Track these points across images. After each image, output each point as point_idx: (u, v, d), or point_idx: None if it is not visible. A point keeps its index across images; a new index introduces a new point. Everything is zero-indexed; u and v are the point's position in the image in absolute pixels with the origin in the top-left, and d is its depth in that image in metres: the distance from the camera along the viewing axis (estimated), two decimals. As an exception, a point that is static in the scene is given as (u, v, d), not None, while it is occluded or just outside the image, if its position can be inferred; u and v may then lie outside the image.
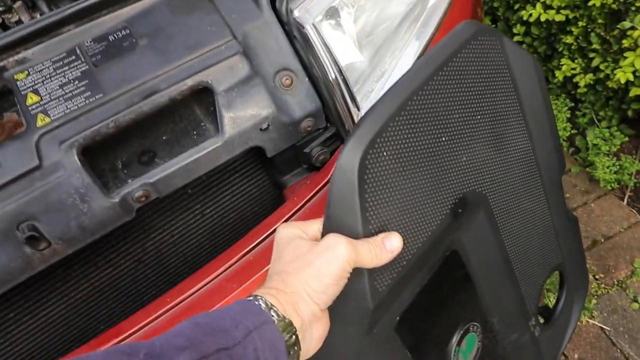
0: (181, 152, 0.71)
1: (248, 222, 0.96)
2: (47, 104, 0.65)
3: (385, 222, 0.56)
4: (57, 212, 0.64)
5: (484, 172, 0.68)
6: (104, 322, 0.89)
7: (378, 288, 0.58)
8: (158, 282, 0.92)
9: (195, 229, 0.91)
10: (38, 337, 0.81)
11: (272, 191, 0.95)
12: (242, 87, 0.71)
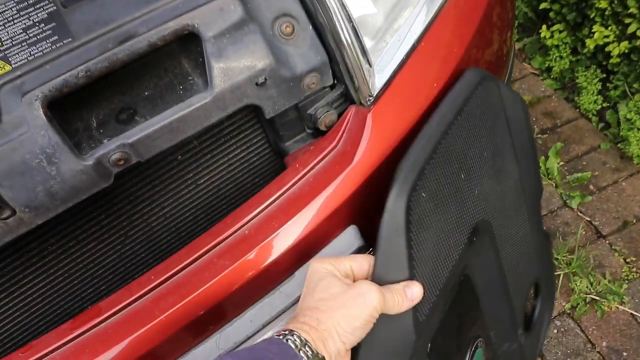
0: (165, 109, 0.62)
1: (247, 193, 0.88)
2: (7, 50, 0.57)
3: (426, 256, 0.64)
4: (21, 175, 0.56)
5: (489, 202, 0.78)
6: (90, 301, 0.82)
7: (420, 319, 0.65)
8: (148, 258, 0.85)
9: (188, 201, 0.83)
10: (16, 317, 0.75)
11: (273, 160, 0.86)
12: (235, 34, 0.61)
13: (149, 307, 0.63)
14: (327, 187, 0.68)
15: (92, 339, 0.62)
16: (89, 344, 0.62)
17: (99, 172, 0.60)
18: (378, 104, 0.71)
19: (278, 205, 0.68)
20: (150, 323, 0.62)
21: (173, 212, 0.82)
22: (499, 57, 1.01)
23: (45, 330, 0.78)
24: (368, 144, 0.69)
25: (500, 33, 0.99)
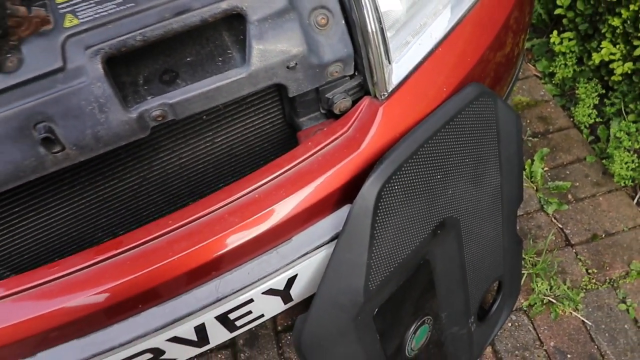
0: (204, 77, 0.74)
1: (255, 157, 1.01)
2: (76, 5, 0.67)
3: (386, 238, 0.80)
4: (75, 118, 0.67)
5: (461, 203, 0.93)
6: (101, 229, 0.96)
7: (370, 287, 0.82)
8: (159, 200, 0.98)
9: (203, 155, 0.95)
10: (38, 235, 0.88)
11: (285, 130, 0.98)
12: (276, 20, 0.72)
13: (164, 248, 0.77)
14: (333, 167, 0.81)
15: (111, 267, 0.76)
16: (108, 270, 0.75)
17: (139, 124, 0.72)
18: (390, 99, 0.84)
19: (288, 176, 0.81)
20: (162, 261, 0.76)
21: (188, 163, 0.94)
22: (509, 59, 1.14)
23: (63, 251, 0.91)
24: (375, 134, 0.82)
25: (515, 37, 1.11)
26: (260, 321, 0.93)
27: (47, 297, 0.72)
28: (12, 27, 0.69)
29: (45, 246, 0.92)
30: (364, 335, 0.90)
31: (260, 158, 1.03)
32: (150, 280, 0.75)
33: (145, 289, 0.75)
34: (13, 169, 0.68)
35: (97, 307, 0.73)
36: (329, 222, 0.83)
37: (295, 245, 0.81)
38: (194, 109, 0.74)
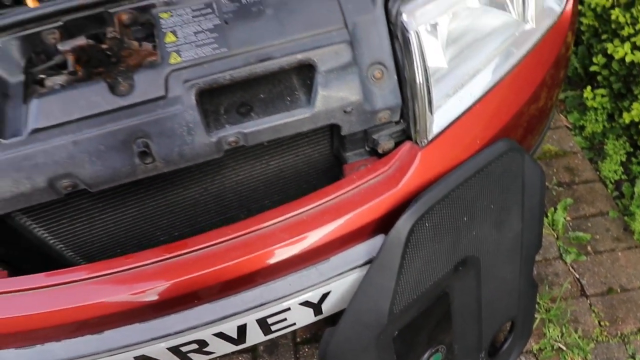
0: (274, 112, 0.88)
1: (300, 180, 1.15)
2: (181, 46, 0.82)
3: (413, 268, 0.92)
4: (167, 137, 0.82)
5: (483, 244, 1.04)
6: (160, 229, 1.10)
7: (394, 310, 0.94)
8: (212, 210, 1.12)
9: (257, 175, 1.09)
10: (110, 228, 1.03)
11: (330, 160, 1.12)
12: (340, 72, 0.87)
13: (222, 253, 0.90)
14: (373, 201, 0.94)
15: (177, 264, 0.89)
16: (174, 267, 0.89)
17: (216, 147, 0.86)
18: (429, 146, 0.97)
19: (333, 204, 0.94)
20: (219, 265, 0.89)
21: (243, 180, 1.08)
22: (543, 112, 1.26)
23: (126, 244, 1.06)
24: (412, 175, 0.95)
25: (549, 92, 1.23)
26: (291, 329, 1.05)
27: (122, 283, 0.86)
28: (124, 57, 0.85)
29: (113, 238, 1.07)
30: (383, 355, 1.01)
31: (304, 181, 1.17)
32: (207, 280, 0.89)
33: (202, 287, 0.89)
34: (111, 173, 0.83)
35: (160, 297, 0.87)
36: (364, 248, 0.95)
37: (333, 265, 0.94)
38: (262, 139, 0.89)
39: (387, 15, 0.89)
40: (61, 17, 0.82)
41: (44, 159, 0.80)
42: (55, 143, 0.80)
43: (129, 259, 0.89)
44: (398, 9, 0.87)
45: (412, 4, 0.89)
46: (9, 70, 0.83)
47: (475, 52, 1.04)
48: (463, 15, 1.02)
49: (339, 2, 0.87)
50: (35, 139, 0.79)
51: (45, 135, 0.80)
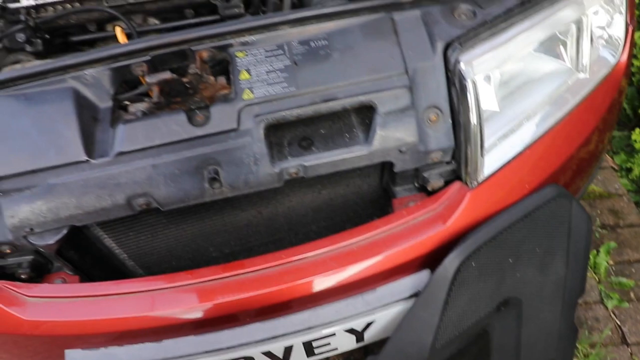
0: (333, 148, 0.95)
1: (348, 209, 1.20)
2: (254, 83, 0.90)
3: (457, 305, 0.96)
4: (236, 166, 0.90)
5: (526, 286, 1.07)
6: (214, 246, 1.18)
7: (436, 345, 0.98)
8: (262, 231, 1.19)
9: (307, 202, 1.15)
10: (170, 242, 1.11)
11: (378, 192, 1.17)
12: (399, 114, 0.92)
13: (276, 276, 0.96)
14: (421, 236, 0.98)
15: (233, 283, 0.96)
16: (230, 286, 0.96)
17: (278, 177, 0.93)
18: (478, 188, 1.00)
19: (382, 237, 0.99)
20: (273, 287, 0.95)
21: (295, 205, 1.15)
22: (593, 155, 1.27)
23: (180, 258, 1.14)
24: (460, 215, 0.99)
25: (601, 136, 1.24)
26: (332, 353, 1.09)
27: (182, 297, 0.93)
28: (200, 89, 0.93)
29: (171, 252, 1.15)
30: (421, 385, 1.03)
31: (351, 210, 1.22)
32: (261, 300, 0.95)
33: (256, 306, 0.95)
34: (183, 195, 0.91)
35: (217, 312, 0.94)
36: (410, 281, 0.99)
37: (379, 295, 0.98)
38: (320, 172, 0.95)
39: (445, 62, 0.95)
40: (149, 52, 0.91)
41: (126, 179, 0.89)
42: (137, 165, 0.89)
43: (190, 275, 0.96)
44: (457, 57, 0.93)
45: (470, 54, 0.94)
46: (100, 97, 0.93)
47: (526, 96, 1.08)
48: (516, 59, 1.06)
49: (400, 49, 0.93)
50: (120, 161, 0.88)
51: (129, 157, 0.89)
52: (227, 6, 1.21)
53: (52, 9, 1.18)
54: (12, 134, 0.89)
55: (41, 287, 0.97)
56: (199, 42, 0.92)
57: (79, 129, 0.89)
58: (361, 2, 0.94)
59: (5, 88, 0.91)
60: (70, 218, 0.91)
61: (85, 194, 0.89)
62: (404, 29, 0.95)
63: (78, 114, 0.89)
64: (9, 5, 1.14)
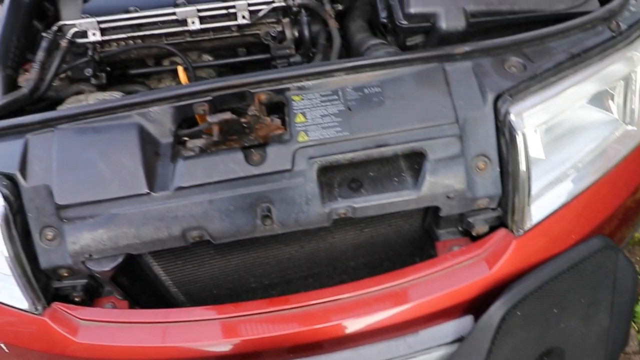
0: (382, 191, 0.98)
1: (387, 247, 1.22)
2: (309, 126, 0.94)
3: (501, 354, 0.95)
4: (288, 205, 0.94)
5: (570, 336, 1.06)
6: (254, 276, 1.21)
7: None
8: (302, 265, 1.21)
9: (349, 239, 1.18)
10: (214, 272, 1.14)
11: (419, 233, 1.19)
12: (448, 162, 0.95)
13: (319, 314, 0.98)
14: (465, 282, 0.99)
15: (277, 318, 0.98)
16: (274, 320, 0.98)
17: (327, 217, 0.96)
18: (524, 236, 1.01)
19: (427, 280, 1.00)
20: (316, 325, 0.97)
21: (336, 242, 1.18)
22: (639, 204, 1.25)
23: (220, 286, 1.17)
24: (505, 262, 1.00)
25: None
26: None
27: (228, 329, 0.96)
28: (256, 128, 0.98)
29: (213, 280, 1.18)
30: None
31: (391, 248, 1.24)
32: (304, 337, 0.97)
33: (298, 342, 0.97)
34: (235, 230, 0.95)
35: (260, 346, 0.96)
36: (452, 326, 1.00)
37: (421, 339, 0.99)
38: (369, 213, 0.98)
39: (495, 113, 0.97)
40: (211, 93, 0.97)
41: (183, 212, 0.93)
42: (194, 200, 0.93)
43: (236, 308, 0.99)
44: (507, 109, 0.95)
45: (520, 106, 0.96)
46: (162, 132, 0.98)
47: (573, 146, 1.09)
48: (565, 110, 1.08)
49: (451, 99, 0.97)
50: (179, 195, 0.93)
51: (187, 192, 0.93)
52: (279, 47, 1.27)
53: (115, 44, 1.26)
54: (80, 165, 0.95)
55: (94, 310, 1.01)
56: (257, 85, 0.97)
57: (142, 162, 0.94)
58: (414, 53, 0.99)
59: (77, 120, 0.98)
60: (128, 247, 0.95)
61: (144, 225, 0.94)
62: (455, 80, 0.98)
63: (142, 148, 0.95)
64: (77, 40, 1.23)
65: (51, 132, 0.98)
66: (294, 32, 1.27)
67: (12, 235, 0.95)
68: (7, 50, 1.16)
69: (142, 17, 1.22)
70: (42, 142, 0.98)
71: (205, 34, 1.26)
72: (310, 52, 1.28)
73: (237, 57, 1.35)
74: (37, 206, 0.96)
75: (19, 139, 0.99)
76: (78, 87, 1.28)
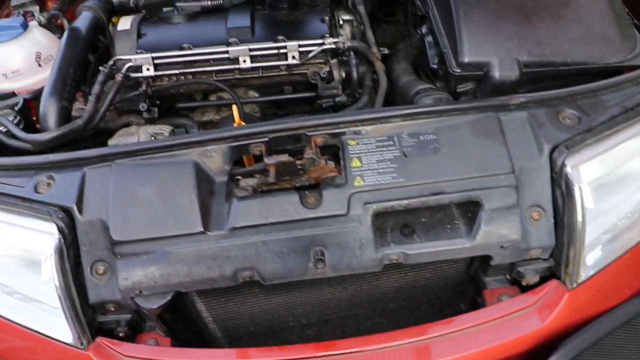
0: (435, 238, 0.98)
1: (429, 291, 1.20)
2: (364, 171, 0.95)
3: None
4: (341, 249, 0.94)
5: None
6: (293, 316, 1.20)
7: None
8: (342, 305, 1.20)
9: (392, 282, 1.17)
10: (254, 311, 1.14)
11: (464, 279, 1.18)
12: (504, 212, 0.95)
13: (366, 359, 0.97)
14: (516, 334, 0.97)
15: None
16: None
17: (379, 262, 0.96)
18: (577, 289, 1.00)
19: (476, 330, 0.99)
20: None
21: (379, 284, 1.16)
22: None
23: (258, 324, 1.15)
24: (557, 315, 0.99)
25: None
26: None
27: (275, 373, 0.95)
28: (310, 171, 0.99)
29: (252, 318, 1.18)
30: None
31: (432, 292, 1.23)
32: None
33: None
34: (287, 272, 0.95)
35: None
36: (503, 380, 0.98)
37: (469, 393, 0.97)
38: (421, 260, 0.98)
39: (550, 163, 0.98)
40: (268, 135, 0.99)
41: (237, 252, 0.94)
42: (248, 240, 0.94)
43: (283, 351, 0.98)
44: (563, 161, 0.96)
45: (576, 158, 0.97)
46: (217, 171, 1.00)
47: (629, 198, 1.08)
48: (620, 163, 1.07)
49: (507, 149, 0.97)
50: (233, 235, 0.94)
51: (242, 232, 0.94)
52: (327, 87, 1.29)
53: (167, 79, 1.30)
54: (136, 201, 0.96)
55: (138, 347, 1.00)
56: (314, 128, 0.99)
57: (198, 201, 0.95)
58: (470, 102, 1.00)
59: (135, 156, 1.00)
60: (179, 285, 0.95)
61: (197, 264, 0.94)
62: (510, 129, 0.99)
63: (198, 186, 0.96)
64: (131, 74, 1.26)
65: (108, 166, 1.00)
66: (341, 72, 1.30)
67: (64, 267, 0.95)
68: (64, 83, 1.19)
69: (195, 55, 1.25)
70: (99, 176, 0.99)
71: (255, 72, 1.29)
72: (357, 93, 1.30)
73: (283, 94, 1.38)
74: (90, 240, 0.97)
75: (77, 171, 1.00)
76: (127, 118, 1.31)
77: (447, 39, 1.14)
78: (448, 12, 1.14)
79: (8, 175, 1.03)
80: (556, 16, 1.13)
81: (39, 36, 1.32)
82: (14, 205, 0.99)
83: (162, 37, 1.31)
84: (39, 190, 1.00)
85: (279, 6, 1.36)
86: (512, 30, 1.11)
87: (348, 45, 1.26)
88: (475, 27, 1.10)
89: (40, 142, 1.13)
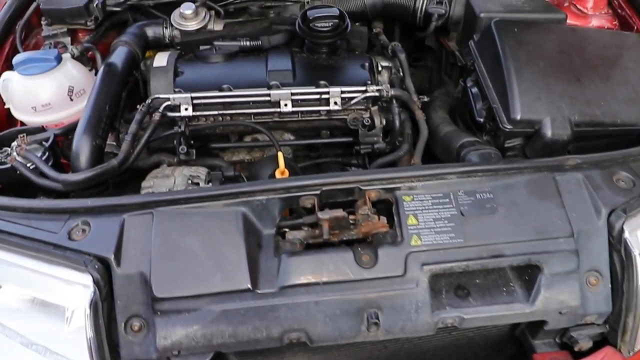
0: (492, 302, 0.94)
1: (467, 350, 1.15)
2: (421, 230, 0.92)
3: None
4: (396, 312, 0.89)
5: None
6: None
7: None
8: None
9: (434, 341, 1.12)
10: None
11: (506, 340, 1.13)
12: (563, 277, 0.92)
13: None
14: (572, 405, 0.93)
15: None
16: None
17: (434, 326, 0.92)
18: (633, 357, 0.96)
19: (531, 399, 0.94)
20: None
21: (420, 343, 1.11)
22: None
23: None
24: (614, 384, 0.94)
25: None
26: None
27: None
28: (361, 225, 0.95)
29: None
30: None
31: (471, 350, 1.18)
32: None
33: None
34: (337, 334, 0.90)
35: None
36: None
37: None
38: (476, 324, 0.94)
39: (608, 227, 0.95)
40: (321, 188, 0.95)
41: (286, 313, 0.88)
42: (300, 300, 0.88)
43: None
44: (622, 225, 0.93)
45: (635, 222, 0.94)
46: (265, 223, 0.95)
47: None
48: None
49: (565, 212, 0.95)
50: (283, 294, 0.89)
51: (293, 291, 0.89)
52: (368, 134, 1.27)
53: (204, 119, 1.26)
54: (180, 253, 0.91)
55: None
56: (368, 183, 0.96)
57: (246, 255, 0.90)
58: (526, 162, 0.98)
59: (178, 204, 0.95)
60: (221, 346, 0.89)
61: (242, 324, 0.88)
62: (566, 190, 0.97)
63: (246, 239, 0.91)
64: (168, 113, 1.22)
65: (150, 214, 0.95)
66: (382, 119, 1.28)
67: (98, 324, 0.89)
68: (99, 120, 1.15)
69: (235, 97, 1.22)
70: (139, 225, 0.94)
71: (294, 116, 1.26)
72: (397, 141, 1.28)
73: (319, 137, 1.35)
74: (128, 294, 0.91)
75: (115, 218, 0.95)
76: (158, 157, 1.26)
77: (495, 94, 1.13)
78: (497, 67, 1.13)
79: (39, 219, 0.97)
80: (604, 76, 1.13)
81: (72, 69, 1.28)
82: (45, 252, 0.93)
83: (201, 76, 1.28)
84: (72, 237, 0.94)
85: (319, 50, 1.35)
86: (562, 89, 1.10)
87: (392, 94, 1.25)
88: (527, 84, 1.09)
89: (72, 183, 1.07)
